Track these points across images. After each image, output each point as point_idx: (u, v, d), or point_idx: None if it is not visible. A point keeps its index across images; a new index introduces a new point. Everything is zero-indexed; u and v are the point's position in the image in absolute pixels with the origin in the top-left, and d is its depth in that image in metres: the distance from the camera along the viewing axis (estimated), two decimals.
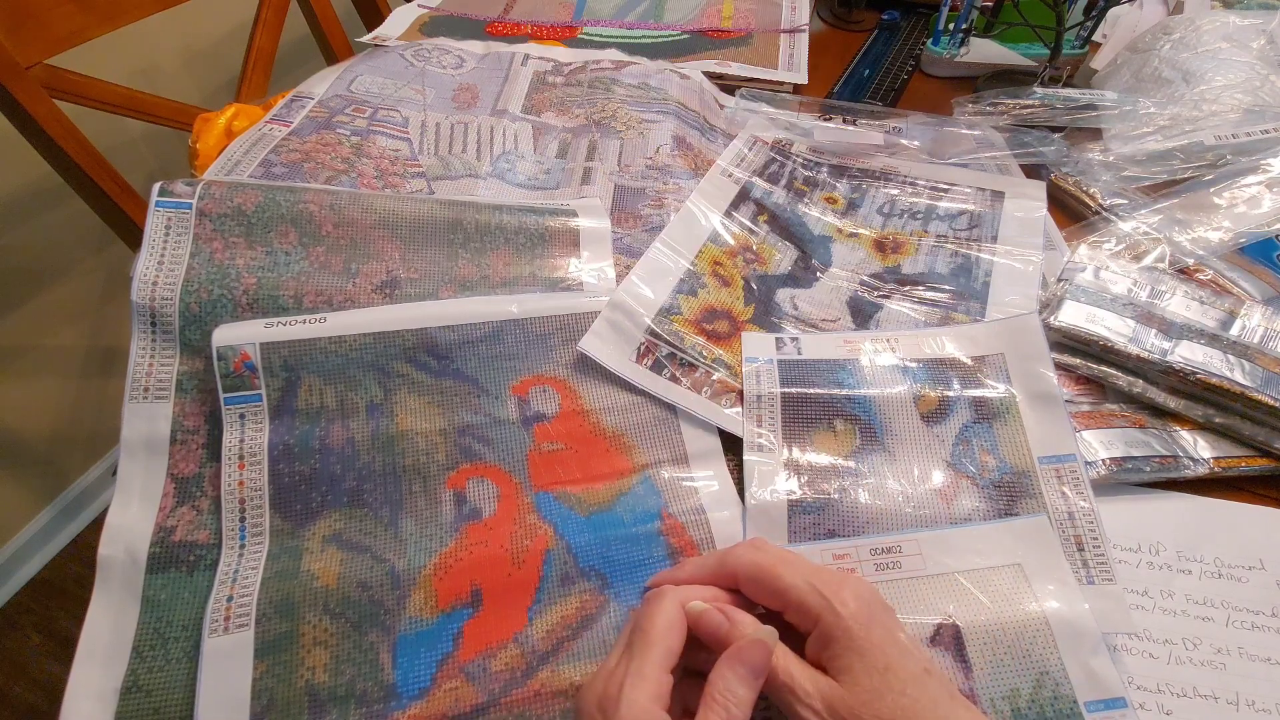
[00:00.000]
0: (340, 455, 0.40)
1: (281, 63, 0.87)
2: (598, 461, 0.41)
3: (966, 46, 0.76)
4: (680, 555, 0.37)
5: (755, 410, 0.42)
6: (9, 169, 0.94)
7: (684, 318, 0.46)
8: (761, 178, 0.59)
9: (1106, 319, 0.45)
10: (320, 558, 0.37)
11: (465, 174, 0.56)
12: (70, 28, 0.68)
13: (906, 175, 0.60)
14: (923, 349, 0.45)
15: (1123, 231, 0.54)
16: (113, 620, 0.35)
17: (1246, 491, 0.40)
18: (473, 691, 0.33)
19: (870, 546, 0.37)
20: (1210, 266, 0.51)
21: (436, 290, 0.46)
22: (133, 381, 0.41)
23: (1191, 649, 0.35)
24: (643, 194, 0.55)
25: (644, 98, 0.65)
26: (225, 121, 0.57)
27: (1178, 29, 0.65)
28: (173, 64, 1.10)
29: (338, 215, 0.46)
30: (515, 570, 0.37)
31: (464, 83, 0.66)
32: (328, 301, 0.44)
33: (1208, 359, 0.42)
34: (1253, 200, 0.54)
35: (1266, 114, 0.59)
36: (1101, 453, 0.40)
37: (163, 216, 0.44)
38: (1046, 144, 0.60)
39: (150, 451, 0.40)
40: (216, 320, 0.42)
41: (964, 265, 0.52)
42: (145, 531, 0.37)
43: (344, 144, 0.56)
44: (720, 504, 0.40)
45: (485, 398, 0.42)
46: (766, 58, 0.75)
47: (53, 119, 0.68)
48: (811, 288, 0.51)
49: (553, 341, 0.44)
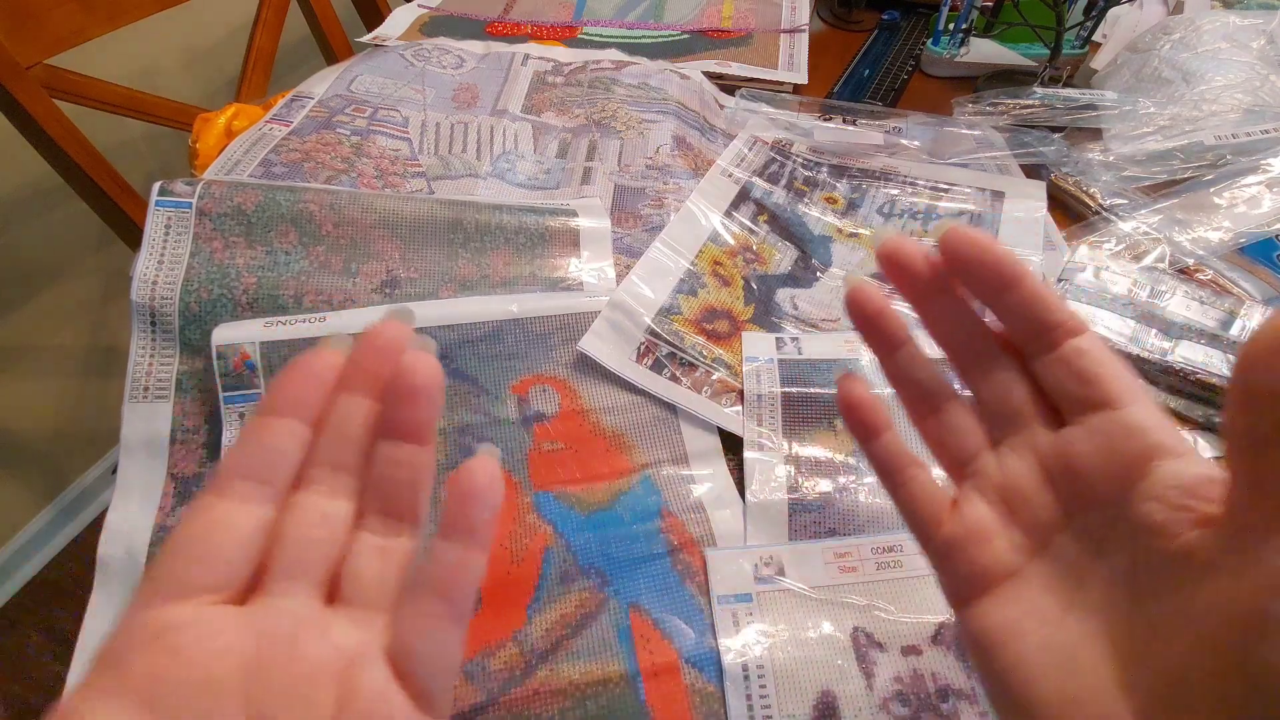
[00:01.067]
0: None
1: (281, 63, 0.87)
2: (597, 461, 0.41)
3: (966, 46, 0.76)
4: (681, 553, 0.37)
5: (756, 409, 0.42)
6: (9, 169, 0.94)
7: (684, 317, 0.46)
8: (761, 178, 0.59)
9: (1106, 319, 0.45)
10: None
11: (465, 174, 0.56)
12: (70, 28, 0.68)
13: (906, 175, 0.60)
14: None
15: (1123, 231, 0.54)
16: (112, 620, 0.35)
17: None
18: (471, 690, 0.33)
19: (871, 545, 0.37)
20: (1210, 266, 0.51)
21: (436, 290, 0.46)
22: (133, 381, 0.41)
23: None
24: (643, 194, 0.55)
25: (644, 98, 0.65)
26: (225, 121, 0.57)
27: (1178, 29, 0.65)
28: (173, 64, 1.10)
29: (338, 215, 0.46)
30: (514, 568, 0.37)
31: (464, 83, 0.66)
32: (328, 301, 0.44)
33: (1208, 359, 0.42)
34: (1253, 200, 0.54)
35: (1266, 114, 0.59)
36: None
37: (163, 216, 0.44)
38: (1046, 144, 0.60)
39: (150, 451, 0.40)
40: (216, 320, 0.42)
41: None
42: (145, 531, 0.37)
43: (344, 144, 0.56)
44: (720, 503, 0.40)
45: (485, 397, 0.42)
46: (766, 58, 0.75)
47: (53, 119, 0.68)
48: (811, 288, 0.51)
49: (553, 341, 0.44)
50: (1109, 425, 0.19)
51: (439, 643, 0.18)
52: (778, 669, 0.33)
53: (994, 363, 0.21)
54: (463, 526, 0.19)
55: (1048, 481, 0.20)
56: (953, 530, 0.21)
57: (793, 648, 0.34)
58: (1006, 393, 0.21)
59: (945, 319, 0.22)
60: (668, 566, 0.37)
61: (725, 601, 0.36)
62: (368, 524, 0.20)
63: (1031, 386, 0.20)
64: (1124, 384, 0.19)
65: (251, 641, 0.17)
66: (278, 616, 0.18)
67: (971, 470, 0.21)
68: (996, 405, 0.21)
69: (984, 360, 0.21)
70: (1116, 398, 0.19)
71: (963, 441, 0.21)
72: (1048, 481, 0.20)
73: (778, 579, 0.36)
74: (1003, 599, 0.19)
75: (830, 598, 0.36)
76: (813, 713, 0.32)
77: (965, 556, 0.20)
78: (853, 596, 0.36)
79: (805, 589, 0.36)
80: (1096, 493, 0.19)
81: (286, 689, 0.17)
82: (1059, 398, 0.20)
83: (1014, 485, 0.20)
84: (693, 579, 0.37)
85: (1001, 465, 0.21)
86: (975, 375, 0.21)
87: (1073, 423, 0.19)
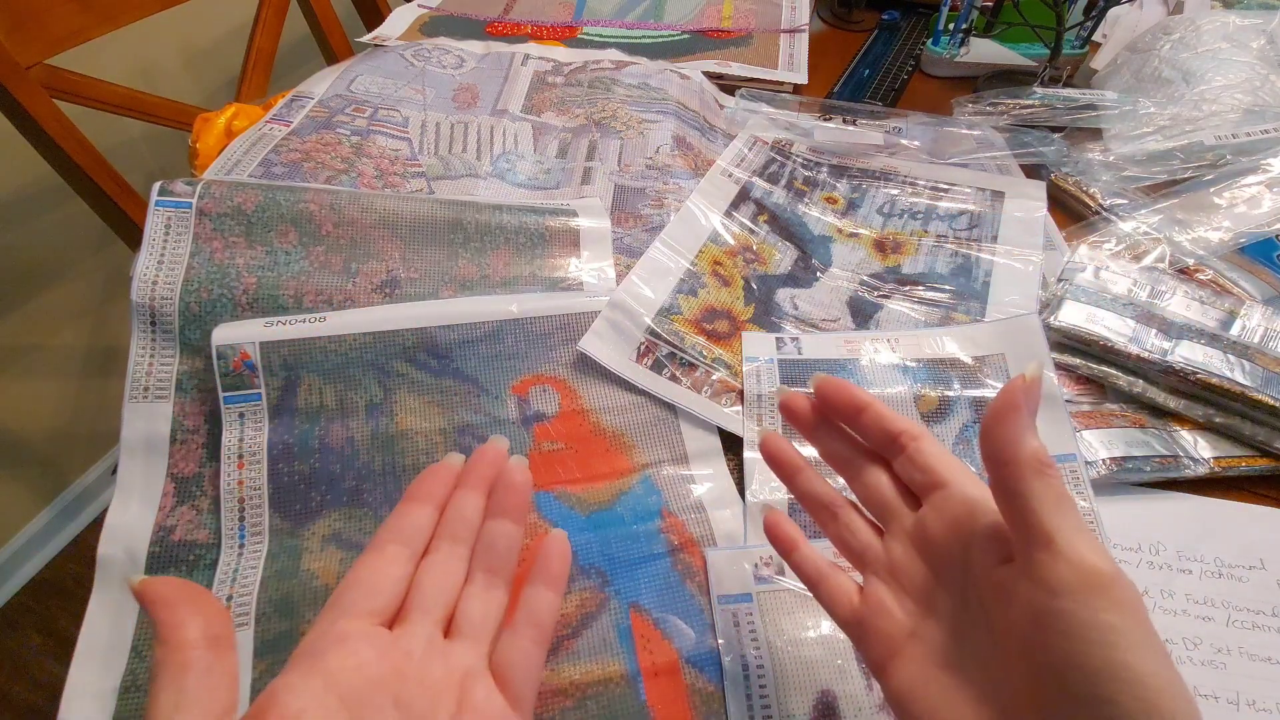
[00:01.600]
0: (340, 455, 0.40)
1: (281, 63, 0.87)
2: (598, 461, 0.41)
3: (966, 46, 0.76)
4: (681, 553, 0.37)
5: (756, 409, 0.42)
6: (9, 169, 0.94)
7: (684, 317, 0.46)
8: (761, 178, 0.59)
9: (1106, 319, 0.45)
10: (320, 557, 0.37)
11: (465, 174, 0.56)
12: (70, 28, 0.68)
13: (906, 175, 0.60)
14: (923, 349, 0.45)
15: (1123, 231, 0.54)
16: (112, 620, 0.35)
17: (1247, 491, 0.40)
18: None
19: None
20: (1210, 266, 0.51)
21: (437, 290, 0.46)
22: (133, 381, 0.41)
23: (1192, 649, 0.35)
24: (643, 194, 0.55)
25: (644, 98, 0.65)
26: (225, 121, 0.57)
27: (1178, 29, 0.65)
28: (173, 64, 1.10)
29: (338, 215, 0.46)
30: None
31: (464, 83, 0.66)
32: (328, 301, 0.44)
33: (1208, 359, 0.42)
34: (1253, 200, 0.54)
35: (1266, 114, 0.59)
36: (1102, 452, 0.40)
37: (163, 216, 0.44)
38: (1046, 144, 0.60)
39: (150, 451, 0.40)
40: (216, 320, 0.42)
41: (964, 265, 0.52)
42: (145, 531, 0.37)
43: (344, 144, 0.56)
44: (721, 502, 0.40)
45: (485, 397, 0.42)
46: (766, 58, 0.75)
47: (53, 119, 0.67)
48: (811, 288, 0.51)
49: (553, 341, 0.44)
50: (944, 501, 0.25)
51: (531, 659, 0.25)
52: (778, 669, 0.33)
53: (866, 469, 0.28)
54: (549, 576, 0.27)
55: (919, 553, 0.26)
56: (861, 610, 0.26)
57: (793, 648, 0.34)
58: (879, 489, 0.27)
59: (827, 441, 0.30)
60: (668, 566, 0.37)
61: (725, 601, 0.36)
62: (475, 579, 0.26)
63: (896, 483, 0.27)
64: (951, 468, 0.26)
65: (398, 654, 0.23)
66: (413, 639, 0.24)
67: (868, 559, 0.27)
68: (873, 500, 0.28)
69: (859, 468, 0.28)
70: (947, 480, 0.25)
71: (858, 537, 0.28)
72: (919, 553, 0.26)
73: (778, 579, 0.36)
74: (908, 658, 0.24)
75: None
76: (813, 713, 0.32)
77: (873, 627, 0.26)
78: None
79: (805, 589, 0.36)
80: (948, 554, 0.25)
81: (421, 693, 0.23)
82: (913, 486, 0.27)
83: (897, 563, 0.26)
84: (693, 579, 0.37)
85: (887, 550, 0.27)
86: (855, 479, 0.29)
87: (925, 504, 0.26)
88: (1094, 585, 0.20)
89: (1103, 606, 0.19)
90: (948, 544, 0.25)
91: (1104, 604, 0.19)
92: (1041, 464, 0.22)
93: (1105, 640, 0.19)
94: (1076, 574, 0.20)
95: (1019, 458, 0.22)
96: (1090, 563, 0.20)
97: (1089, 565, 0.20)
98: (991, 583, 0.23)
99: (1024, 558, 0.21)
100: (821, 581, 0.28)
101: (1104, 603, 0.19)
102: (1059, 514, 0.21)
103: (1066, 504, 0.21)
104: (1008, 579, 0.22)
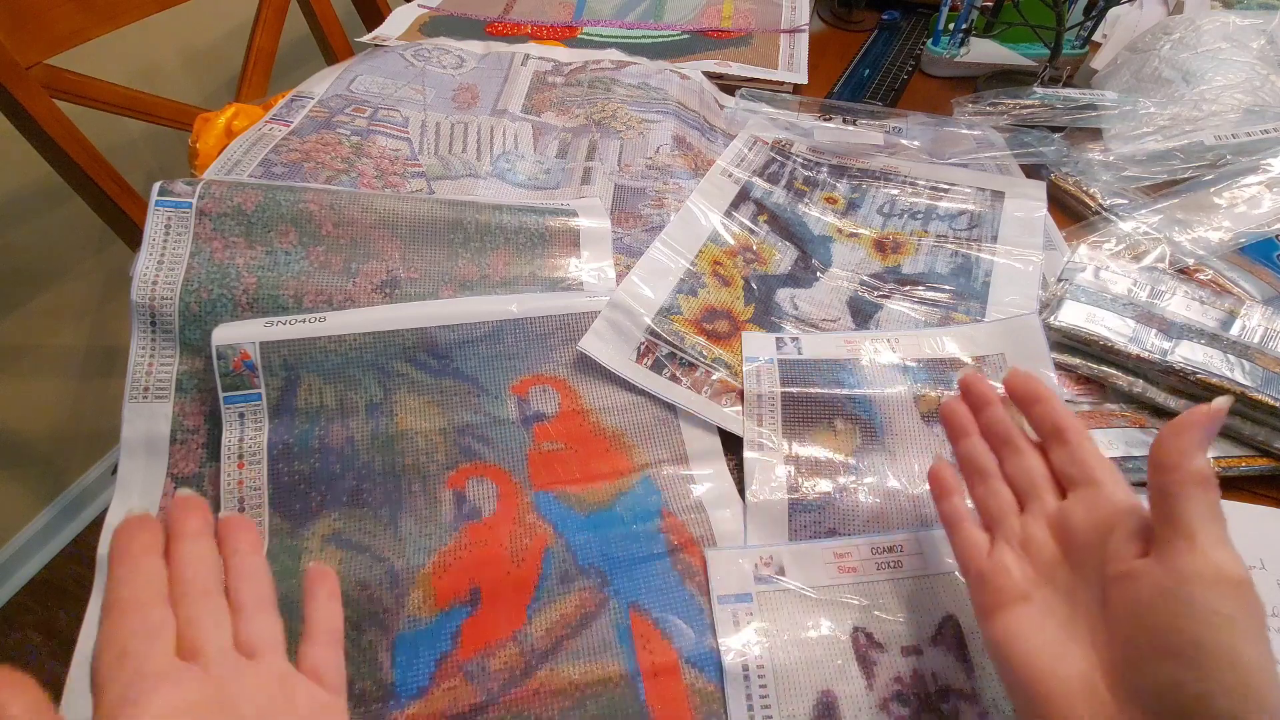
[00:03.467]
0: (340, 455, 0.40)
1: (281, 63, 0.87)
2: (597, 461, 0.41)
3: (966, 46, 0.76)
4: (681, 553, 0.37)
5: (756, 409, 0.42)
6: (9, 169, 0.94)
7: (684, 317, 0.46)
8: (761, 178, 0.59)
9: (1106, 319, 0.45)
10: (320, 557, 0.37)
11: (465, 174, 0.56)
12: (70, 28, 0.68)
13: (906, 175, 0.60)
14: (923, 349, 0.45)
15: (1123, 231, 0.54)
16: None
17: (1246, 491, 0.40)
18: (471, 690, 0.33)
19: (871, 545, 0.37)
20: (1210, 266, 0.51)
21: (436, 290, 0.46)
22: (133, 381, 0.41)
23: None
24: (643, 194, 0.55)
25: (644, 98, 0.65)
26: (225, 121, 0.57)
27: (1178, 29, 0.65)
28: (173, 64, 1.10)
29: (338, 215, 0.46)
30: (514, 569, 0.37)
31: (464, 83, 0.66)
32: (328, 301, 0.44)
33: (1208, 359, 0.42)
34: (1253, 200, 0.54)
35: (1266, 114, 0.59)
36: None
37: (163, 216, 0.44)
38: (1046, 144, 0.60)
39: (150, 451, 0.40)
40: (216, 320, 0.42)
41: (964, 265, 0.52)
42: None
43: (344, 144, 0.56)
44: (720, 502, 0.40)
45: (485, 397, 0.42)
46: (766, 58, 0.75)
47: (53, 119, 0.67)
48: (811, 288, 0.51)
49: (552, 341, 0.44)
50: (1094, 497, 0.29)
51: (336, 659, 0.28)
52: (778, 669, 0.33)
53: (1022, 450, 0.32)
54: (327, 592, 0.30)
55: (1055, 535, 0.29)
56: (985, 564, 0.30)
57: (793, 648, 0.34)
58: (1029, 471, 0.31)
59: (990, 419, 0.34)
60: (668, 566, 0.37)
61: (725, 601, 0.36)
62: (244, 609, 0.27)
63: (1047, 469, 0.31)
64: (1106, 469, 0.29)
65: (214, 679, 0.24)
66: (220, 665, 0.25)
67: (1003, 525, 0.31)
68: (1021, 478, 0.31)
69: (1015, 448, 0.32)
70: (1101, 480, 0.29)
71: (999, 502, 0.32)
72: (1055, 535, 0.29)
73: (778, 579, 0.36)
74: (1014, 613, 0.28)
75: (830, 598, 0.36)
76: (813, 713, 0.32)
77: (992, 581, 0.29)
78: (852, 596, 0.36)
79: (805, 589, 0.36)
80: (1086, 542, 0.28)
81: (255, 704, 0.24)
82: (1063, 476, 0.30)
83: (1031, 538, 0.30)
84: (693, 579, 0.37)
85: (1024, 525, 0.30)
86: (1009, 458, 0.32)
87: (1071, 494, 0.30)
88: (1224, 579, 0.23)
89: (1228, 598, 0.22)
90: (1087, 534, 0.28)
91: (1229, 597, 0.22)
92: (1205, 478, 0.24)
93: (1222, 625, 0.22)
94: (1210, 567, 0.23)
95: (1185, 467, 0.25)
96: (1226, 562, 0.23)
97: (1224, 563, 0.23)
98: (1121, 571, 0.26)
99: (1163, 549, 0.24)
100: (960, 528, 0.32)
101: (1229, 596, 0.22)
102: (1209, 521, 0.24)
103: (1219, 516, 0.24)
104: (1140, 567, 0.25)
